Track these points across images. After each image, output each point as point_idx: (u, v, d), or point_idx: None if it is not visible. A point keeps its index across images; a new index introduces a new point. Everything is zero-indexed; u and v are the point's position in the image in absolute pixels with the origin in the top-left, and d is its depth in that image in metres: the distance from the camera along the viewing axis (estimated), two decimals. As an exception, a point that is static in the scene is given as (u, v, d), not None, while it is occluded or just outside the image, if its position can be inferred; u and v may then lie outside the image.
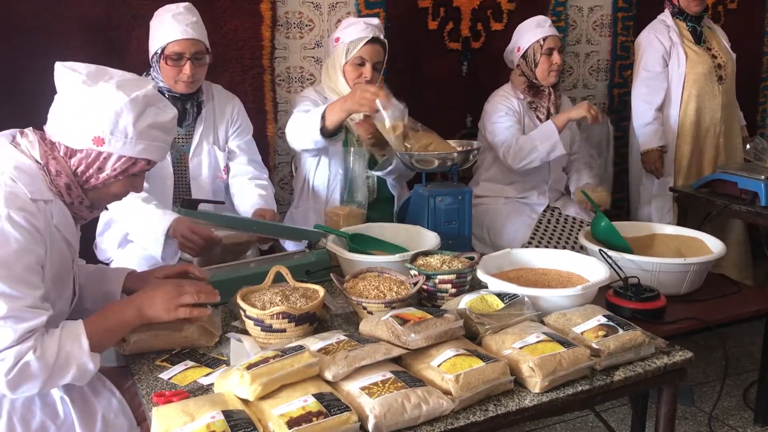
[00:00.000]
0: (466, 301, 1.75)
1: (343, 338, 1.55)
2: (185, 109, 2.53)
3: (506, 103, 3.21)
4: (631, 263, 2.20)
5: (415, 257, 2.00)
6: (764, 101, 4.45)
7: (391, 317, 1.60)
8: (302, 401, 1.34)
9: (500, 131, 3.15)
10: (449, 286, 1.88)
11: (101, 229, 2.57)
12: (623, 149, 3.94)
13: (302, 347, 1.46)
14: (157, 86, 1.68)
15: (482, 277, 1.92)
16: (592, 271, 2.00)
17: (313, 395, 1.36)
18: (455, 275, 1.89)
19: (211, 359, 1.67)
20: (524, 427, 2.76)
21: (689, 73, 3.50)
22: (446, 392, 1.44)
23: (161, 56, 2.43)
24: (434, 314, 1.62)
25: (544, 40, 3.15)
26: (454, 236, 2.49)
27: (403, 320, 1.58)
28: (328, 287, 1.88)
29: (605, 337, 1.63)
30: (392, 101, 2.39)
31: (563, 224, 3.14)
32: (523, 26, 3.23)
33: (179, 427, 1.30)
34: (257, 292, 1.80)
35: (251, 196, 2.60)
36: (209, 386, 1.55)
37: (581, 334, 1.66)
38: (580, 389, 1.55)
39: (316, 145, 2.58)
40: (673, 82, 3.51)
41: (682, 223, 3.30)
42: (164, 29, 2.43)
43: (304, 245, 2.30)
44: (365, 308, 1.78)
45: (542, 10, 3.61)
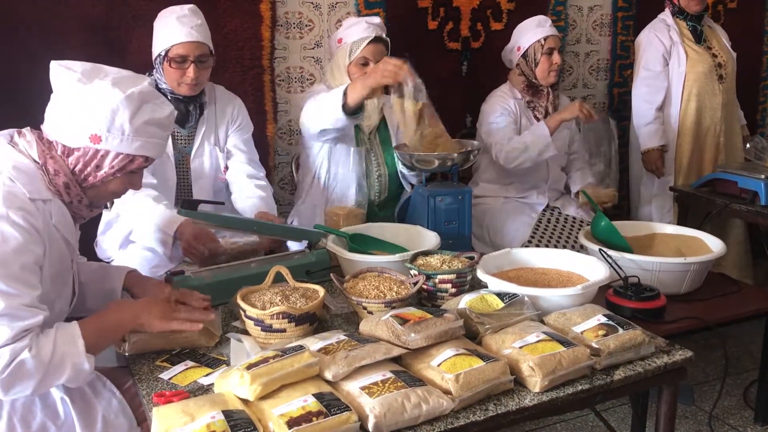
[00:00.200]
0: (466, 300, 1.75)
1: (343, 338, 1.55)
2: (187, 111, 2.52)
3: (503, 103, 3.21)
4: (631, 263, 2.19)
5: (415, 257, 2.00)
6: (764, 100, 4.45)
7: (391, 317, 1.60)
8: (302, 401, 1.34)
9: (495, 131, 3.15)
10: (449, 285, 1.88)
11: (103, 228, 2.57)
12: (623, 148, 3.94)
13: (302, 347, 1.47)
14: (153, 83, 1.68)
15: (482, 276, 1.92)
16: (592, 270, 2.00)
17: (313, 395, 1.36)
18: (455, 275, 1.89)
19: (211, 359, 1.68)
20: (524, 426, 2.76)
21: (689, 72, 3.50)
22: (446, 392, 1.44)
23: (165, 58, 2.42)
24: (434, 314, 1.62)
25: (544, 39, 3.15)
26: (454, 236, 2.50)
27: (403, 320, 1.58)
28: (328, 287, 1.89)
29: (605, 336, 1.63)
30: (415, 78, 2.36)
31: (563, 224, 3.14)
32: (523, 26, 3.23)
33: (179, 427, 1.30)
34: (257, 292, 1.80)
35: (251, 197, 2.59)
36: (209, 386, 1.55)
37: (581, 333, 1.66)
38: (580, 389, 1.55)
39: (336, 123, 2.51)
40: (673, 81, 3.51)
41: (682, 222, 3.30)
42: (168, 31, 2.41)
43: (304, 245, 2.30)
44: (365, 308, 1.78)
45: (542, 9, 3.60)
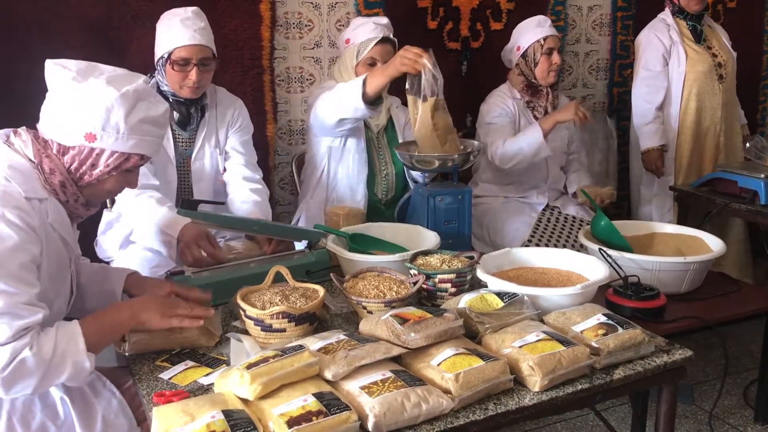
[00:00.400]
0: (465, 300, 1.75)
1: (342, 338, 1.55)
2: (189, 113, 2.52)
3: (501, 103, 3.21)
4: (630, 262, 2.19)
5: (414, 257, 2.00)
6: (764, 100, 4.45)
7: (390, 317, 1.60)
8: (302, 401, 1.34)
9: (491, 131, 3.15)
10: (449, 285, 1.88)
11: (103, 228, 2.57)
12: (623, 148, 3.94)
13: (302, 347, 1.47)
14: (155, 85, 1.68)
15: (482, 276, 1.92)
16: (591, 270, 2.00)
17: (313, 394, 1.36)
18: (455, 274, 1.89)
19: (211, 359, 1.68)
20: (524, 426, 2.76)
21: (689, 71, 3.50)
22: (446, 391, 1.44)
23: (167, 60, 2.41)
24: (434, 313, 1.62)
25: (544, 39, 3.15)
26: (453, 236, 2.50)
27: (402, 319, 1.58)
28: (328, 287, 1.89)
29: (605, 335, 1.63)
30: (434, 69, 2.34)
31: (563, 223, 3.14)
32: (522, 26, 3.23)
33: (179, 426, 1.30)
34: (257, 292, 1.80)
35: (246, 202, 2.57)
36: (209, 386, 1.55)
37: (581, 332, 1.66)
38: (579, 388, 1.55)
39: (355, 113, 2.50)
40: (673, 81, 3.51)
41: (682, 221, 3.30)
42: (172, 34, 2.40)
43: (304, 245, 2.30)
44: (365, 308, 1.78)
45: (541, 9, 3.61)
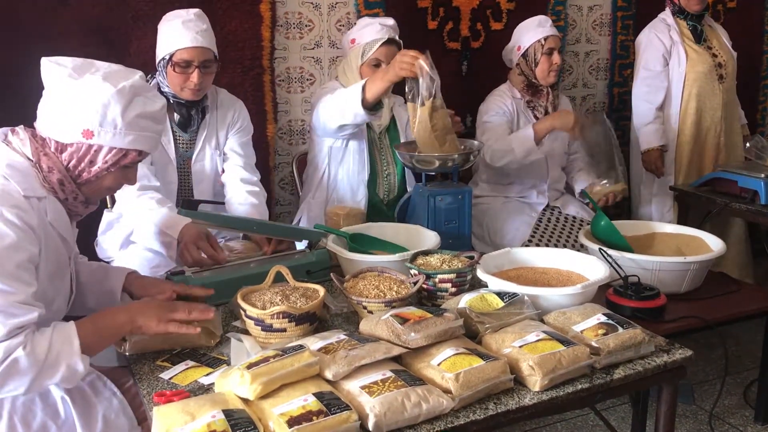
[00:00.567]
0: (466, 300, 1.75)
1: (343, 337, 1.56)
2: (189, 115, 2.51)
3: (499, 102, 3.21)
4: (631, 262, 2.20)
5: (415, 257, 2.01)
6: (764, 100, 4.45)
7: (391, 316, 1.60)
8: (302, 400, 1.34)
9: (487, 129, 3.15)
10: (449, 285, 1.89)
11: (103, 228, 2.58)
12: (623, 148, 3.94)
13: (302, 347, 1.47)
14: (144, 77, 1.67)
15: (482, 276, 1.92)
16: (592, 269, 2.00)
17: (313, 394, 1.36)
18: (455, 274, 1.89)
19: (211, 359, 1.68)
20: (524, 425, 2.76)
21: (690, 72, 3.50)
22: (446, 391, 1.44)
23: (169, 62, 2.41)
24: (434, 313, 1.62)
25: (545, 39, 3.15)
26: (454, 235, 2.50)
27: (403, 319, 1.58)
28: (328, 287, 1.89)
29: (605, 335, 1.63)
30: (431, 72, 2.35)
31: (563, 223, 3.14)
32: (523, 25, 3.23)
33: (180, 426, 1.30)
34: (257, 291, 1.80)
35: (243, 204, 2.56)
36: (210, 386, 1.55)
37: (581, 332, 1.66)
38: (580, 387, 1.55)
39: (356, 119, 2.53)
40: (673, 81, 3.51)
41: (682, 221, 3.31)
42: (173, 35, 2.40)
43: (304, 245, 2.30)
44: (365, 307, 1.78)
45: (542, 9, 3.61)
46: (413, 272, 1.92)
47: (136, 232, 2.39)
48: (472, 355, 1.51)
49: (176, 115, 2.50)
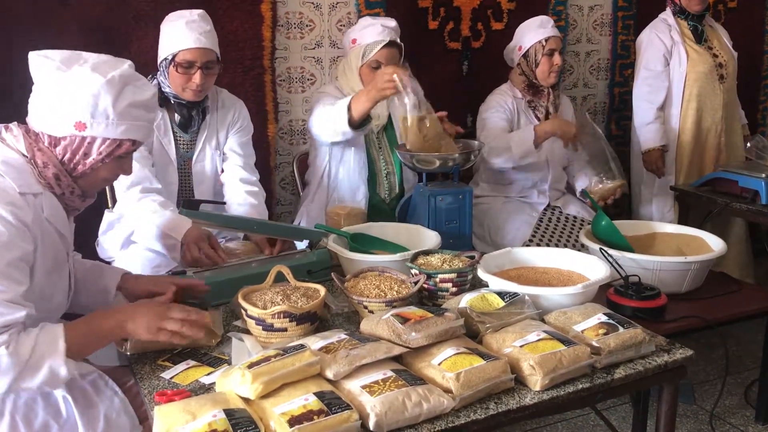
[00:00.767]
0: (466, 299, 1.75)
1: (344, 337, 1.56)
2: (190, 116, 2.51)
3: (500, 101, 3.21)
4: (631, 262, 2.20)
5: (415, 256, 2.01)
6: (765, 100, 4.44)
7: (391, 316, 1.60)
8: (303, 400, 1.35)
9: (486, 126, 3.15)
10: (450, 285, 1.89)
11: (104, 228, 2.57)
12: (624, 148, 3.94)
13: (303, 346, 1.47)
14: (133, 66, 1.66)
15: (483, 275, 1.92)
16: (592, 269, 2.00)
17: (314, 394, 1.36)
18: (456, 274, 1.89)
19: (212, 358, 1.68)
20: (525, 425, 2.77)
21: (690, 72, 3.50)
22: (447, 390, 1.44)
23: (171, 63, 2.40)
24: (435, 313, 1.62)
25: (546, 41, 3.14)
26: (454, 235, 2.50)
27: (403, 319, 1.58)
28: (329, 286, 1.89)
29: (606, 335, 1.64)
30: (412, 82, 2.38)
31: (564, 223, 3.14)
32: (525, 25, 3.23)
33: (181, 425, 1.30)
34: (258, 291, 1.80)
35: (242, 204, 2.56)
36: (211, 385, 1.55)
37: (582, 332, 1.66)
38: (580, 387, 1.55)
39: (345, 136, 2.57)
40: (674, 81, 3.51)
41: (683, 221, 3.30)
42: (177, 36, 2.39)
43: (305, 245, 2.30)
44: (366, 307, 1.78)
45: (542, 9, 3.61)
46: (414, 272, 1.92)
47: (137, 234, 2.39)
48: (472, 354, 1.51)
49: (177, 115, 2.50)
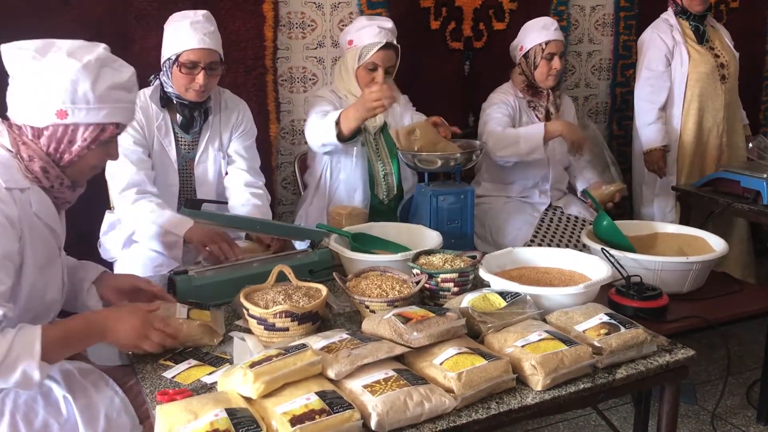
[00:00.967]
0: (468, 299, 1.75)
1: (345, 337, 1.56)
2: (192, 116, 2.50)
3: (503, 98, 3.21)
4: (633, 262, 2.20)
5: (417, 256, 2.01)
6: (767, 100, 4.44)
7: (393, 316, 1.60)
8: (305, 399, 1.35)
9: (490, 119, 3.14)
10: (451, 284, 1.89)
11: (105, 229, 2.58)
12: (626, 148, 3.94)
13: (305, 346, 1.47)
14: (108, 48, 1.65)
15: (484, 275, 1.93)
16: (594, 269, 2.00)
17: (315, 393, 1.37)
18: (457, 274, 1.89)
19: (214, 358, 1.68)
20: (526, 425, 2.76)
21: (692, 72, 3.49)
22: (448, 390, 1.44)
23: (175, 63, 2.40)
24: (436, 313, 1.62)
25: (546, 44, 3.13)
26: (456, 235, 2.50)
27: (405, 319, 1.59)
28: (330, 286, 1.89)
29: (607, 335, 1.64)
30: (396, 91, 2.41)
31: (565, 223, 3.13)
32: (529, 25, 3.22)
33: (183, 425, 1.30)
34: (260, 291, 1.80)
35: (245, 205, 2.56)
36: (212, 385, 1.55)
37: (583, 332, 1.66)
38: (582, 387, 1.55)
39: (336, 149, 2.62)
40: (675, 81, 3.51)
41: (684, 222, 3.30)
42: (181, 36, 2.39)
43: (307, 245, 2.30)
44: (368, 307, 1.78)
45: (544, 9, 3.61)
46: (416, 272, 1.92)
47: (137, 233, 2.39)
48: (474, 354, 1.51)
49: (179, 116, 2.50)
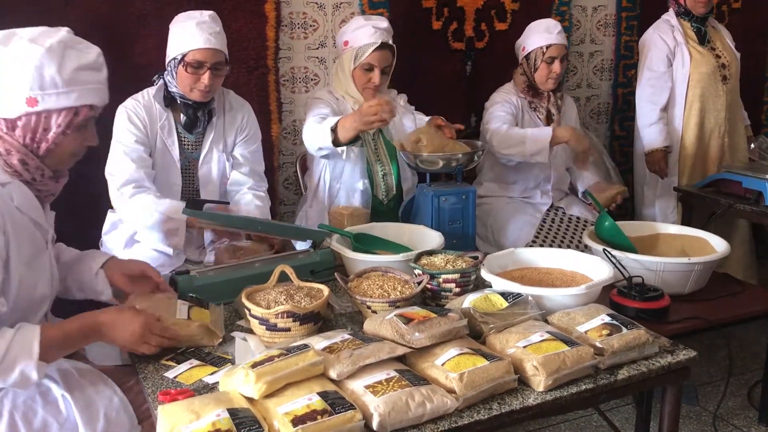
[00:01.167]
0: (470, 300, 1.75)
1: (347, 337, 1.56)
2: (196, 116, 2.50)
3: (505, 98, 3.20)
4: (635, 263, 2.20)
5: (419, 257, 2.01)
6: (769, 100, 4.44)
7: (395, 316, 1.60)
8: (307, 399, 1.35)
9: (494, 118, 3.13)
10: (453, 285, 1.89)
11: (107, 228, 2.58)
12: (627, 149, 3.94)
13: (307, 346, 1.47)
14: (71, 31, 1.64)
15: (486, 276, 1.92)
16: (596, 270, 2.00)
17: (317, 393, 1.37)
18: (459, 274, 1.89)
19: (216, 358, 1.68)
20: (528, 425, 2.76)
21: (693, 73, 3.49)
22: (450, 391, 1.44)
23: (180, 62, 2.39)
24: (438, 313, 1.63)
25: (547, 48, 3.13)
26: (458, 236, 2.50)
27: (407, 319, 1.59)
28: (332, 286, 1.89)
29: (609, 336, 1.63)
30: (394, 105, 2.42)
31: (567, 224, 3.13)
32: (532, 27, 3.20)
33: (185, 424, 1.30)
34: (262, 291, 1.80)
35: (247, 205, 2.57)
36: (214, 385, 1.55)
37: (585, 333, 1.66)
38: (583, 388, 1.55)
39: (333, 153, 2.62)
40: (677, 82, 3.51)
41: (686, 222, 3.30)
42: (187, 36, 2.38)
43: (308, 245, 2.30)
44: (369, 307, 1.78)
45: (546, 9, 3.61)
46: (417, 272, 1.92)
47: (137, 224, 2.38)
48: (476, 355, 1.51)
49: (182, 116, 2.50)
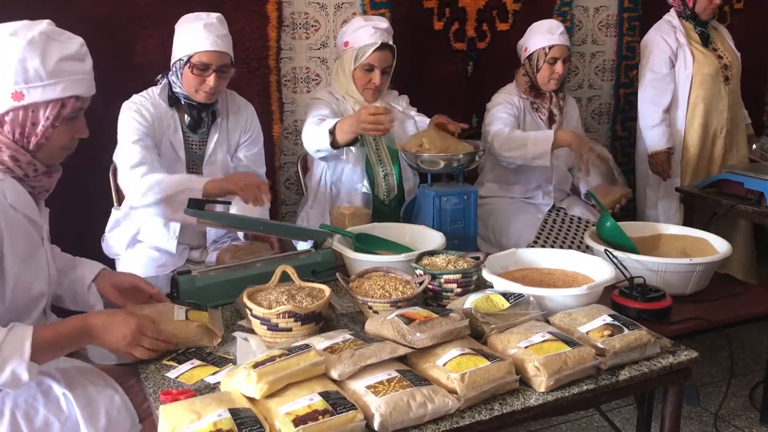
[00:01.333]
0: (471, 300, 1.75)
1: (348, 337, 1.56)
2: (200, 117, 2.50)
3: (507, 98, 3.20)
4: (636, 263, 2.19)
5: (420, 257, 2.01)
6: (770, 101, 4.44)
7: (396, 316, 1.60)
8: (308, 399, 1.35)
9: (495, 119, 3.13)
10: (455, 285, 1.89)
11: (110, 226, 2.58)
12: (629, 149, 3.94)
13: (308, 346, 1.47)
14: (52, 23, 1.64)
15: (488, 276, 1.92)
16: (597, 271, 2.00)
17: (319, 394, 1.37)
18: (461, 275, 1.89)
19: (217, 358, 1.68)
20: (529, 426, 2.76)
21: (696, 74, 3.49)
22: (452, 391, 1.44)
23: (186, 64, 2.39)
24: (440, 314, 1.62)
25: (549, 48, 3.13)
26: (459, 236, 2.50)
27: (408, 319, 1.59)
28: (333, 287, 1.89)
29: (610, 336, 1.63)
30: (393, 112, 2.43)
31: (569, 224, 3.13)
32: (535, 27, 3.20)
33: (186, 424, 1.30)
34: (263, 291, 1.80)
35: (249, 206, 2.57)
36: (216, 385, 1.55)
37: (586, 333, 1.66)
38: (585, 388, 1.55)
39: (331, 154, 2.63)
40: (680, 83, 3.50)
41: (688, 223, 3.29)
42: (193, 37, 2.38)
43: (310, 245, 2.31)
44: (371, 307, 1.78)
45: (548, 10, 3.61)
46: (419, 272, 1.92)
47: (148, 198, 2.33)
48: (477, 355, 1.51)
49: (187, 116, 2.50)
